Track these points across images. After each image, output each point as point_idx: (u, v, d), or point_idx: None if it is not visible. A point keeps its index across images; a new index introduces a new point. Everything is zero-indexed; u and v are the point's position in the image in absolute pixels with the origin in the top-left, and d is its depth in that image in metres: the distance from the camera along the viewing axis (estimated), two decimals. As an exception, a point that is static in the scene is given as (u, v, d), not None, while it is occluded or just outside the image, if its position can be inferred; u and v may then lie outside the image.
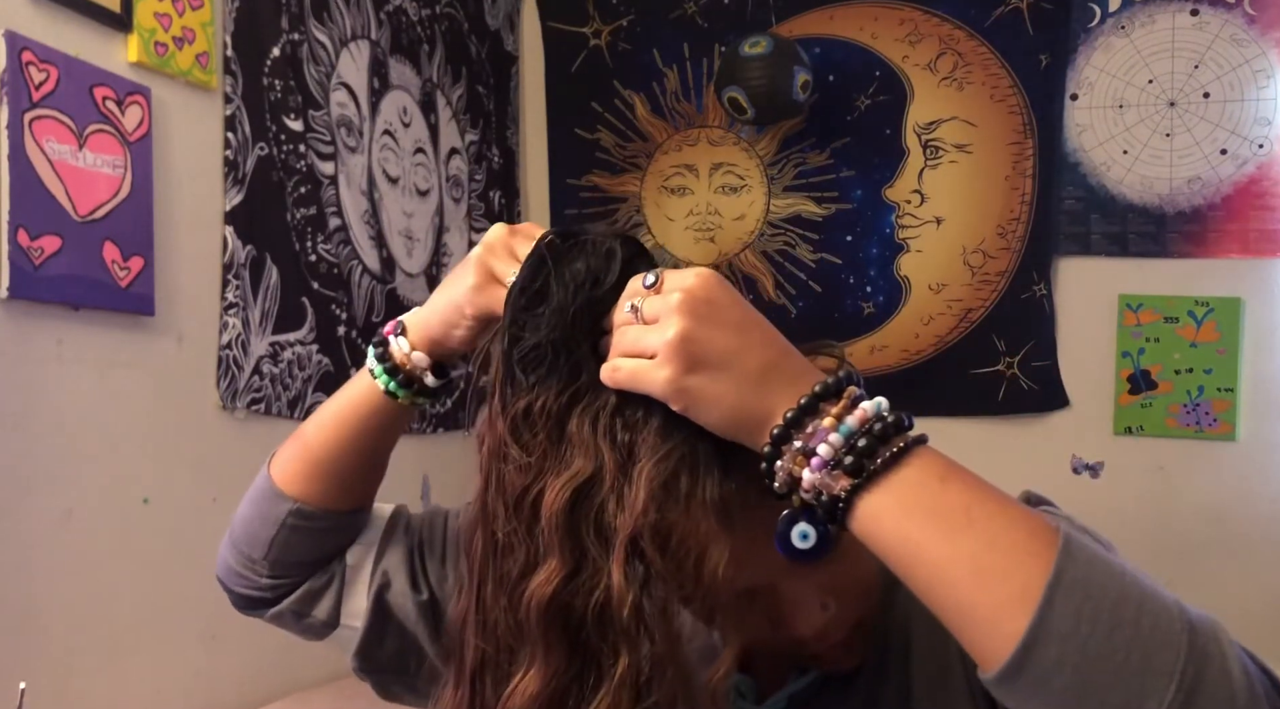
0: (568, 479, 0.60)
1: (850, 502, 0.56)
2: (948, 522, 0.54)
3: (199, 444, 1.77)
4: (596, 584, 0.59)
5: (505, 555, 0.62)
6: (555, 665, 0.60)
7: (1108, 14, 2.53)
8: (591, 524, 0.59)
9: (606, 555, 0.59)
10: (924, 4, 2.63)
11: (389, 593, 0.83)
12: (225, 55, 1.84)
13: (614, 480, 0.59)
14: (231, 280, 1.83)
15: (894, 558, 0.55)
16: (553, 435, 0.61)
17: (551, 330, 0.62)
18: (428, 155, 2.49)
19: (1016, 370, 2.55)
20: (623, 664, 0.59)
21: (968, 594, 0.53)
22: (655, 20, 2.82)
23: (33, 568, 1.47)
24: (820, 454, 0.56)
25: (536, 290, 0.63)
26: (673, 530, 0.58)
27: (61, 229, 1.49)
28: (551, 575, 0.59)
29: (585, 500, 0.59)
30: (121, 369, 1.62)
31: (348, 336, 2.15)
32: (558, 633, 0.60)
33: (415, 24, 2.44)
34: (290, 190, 1.99)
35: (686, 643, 0.61)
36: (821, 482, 0.56)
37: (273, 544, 0.83)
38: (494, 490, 0.63)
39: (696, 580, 0.58)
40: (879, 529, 0.55)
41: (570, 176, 2.91)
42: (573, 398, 0.61)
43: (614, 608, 0.58)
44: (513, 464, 0.62)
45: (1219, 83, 2.46)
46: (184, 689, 1.73)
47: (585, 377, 0.62)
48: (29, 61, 1.45)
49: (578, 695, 0.60)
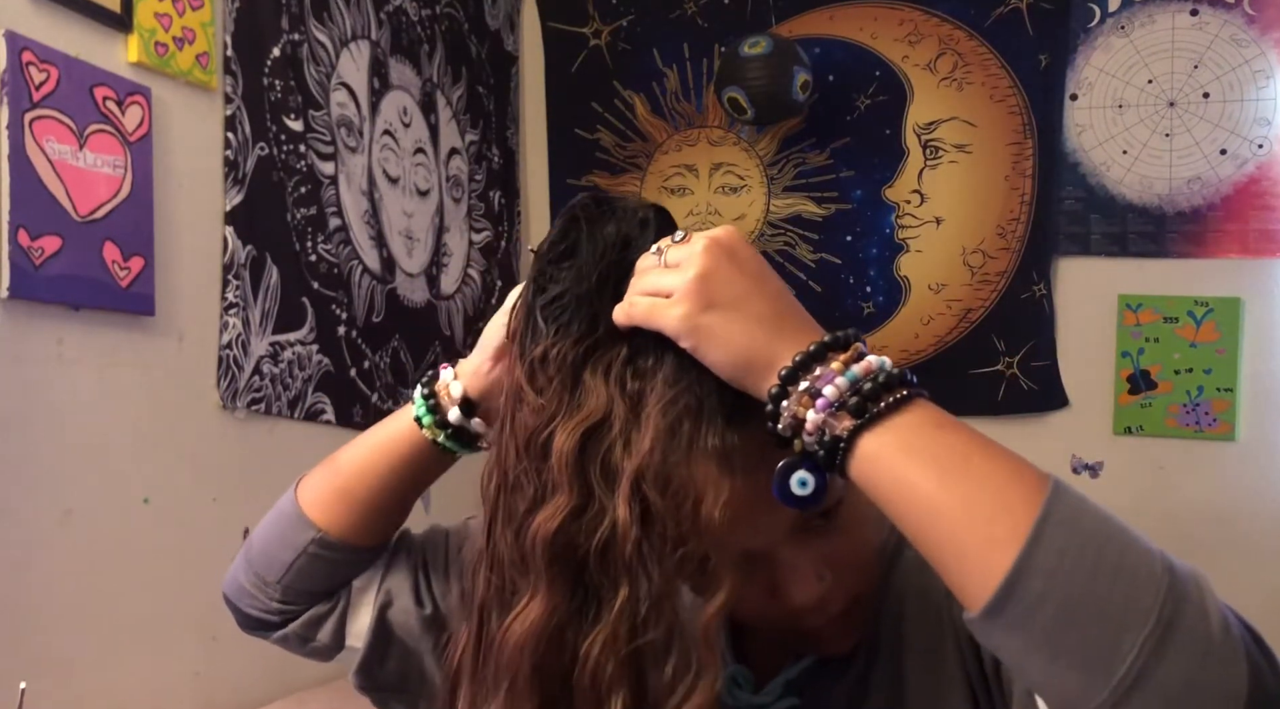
0: (578, 422, 0.62)
1: (851, 442, 0.58)
2: (943, 464, 0.56)
3: (199, 444, 1.77)
4: (600, 521, 0.61)
5: (514, 492, 0.65)
6: (556, 597, 0.62)
7: (1107, 14, 2.53)
8: (598, 464, 0.62)
9: (611, 494, 0.61)
10: (924, 4, 2.63)
11: (391, 611, 0.84)
12: (225, 55, 1.84)
13: (622, 424, 0.62)
14: (231, 280, 1.84)
15: (889, 498, 0.57)
16: (566, 382, 0.63)
17: (576, 284, 0.65)
18: (428, 155, 2.49)
19: (1016, 370, 2.55)
20: (621, 598, 0.61)
21: (958, 533, 0.54)
22: (655, 20, 2.82)
23: (33, 568, 1.47)
24: (826, 395, 0.59)
25: (566, 248, 0.67)
26: (673, 473, 0.60)
27: (62, 229, 1.49)
28: (557, 511, 0.62)
29: (593, 442, 0.62)
30: (121, 369, 1.62)
31: (348, 337, 2.15)
32: (560, 567, 0.62)
33: (415, 24, 2.44)
34: (290, 190, 1.99)
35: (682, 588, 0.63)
36: (825, 421, 0.59)
37: (289, 569, 0.83)
38: (508, 431, 0.66)
39: (693, 523, 0.60)
40: (877, 469, 0.58)
41: (570, 176, 2.91)
42: (589, 348, 0.64)
43: (616, 544, 0.61)
44: (527, 407, 0.64)
45: (1219, 83, 2.46)
46: (184, 689, 1.73)
47: (602, 329, 0.64)
48: (29, 61, 1.45)
49: (576, 627, 0.62)
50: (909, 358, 2.59)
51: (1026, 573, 0.51)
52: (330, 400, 2.09)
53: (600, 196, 0.69)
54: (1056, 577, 0.51)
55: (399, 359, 2.34)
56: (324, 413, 2.07)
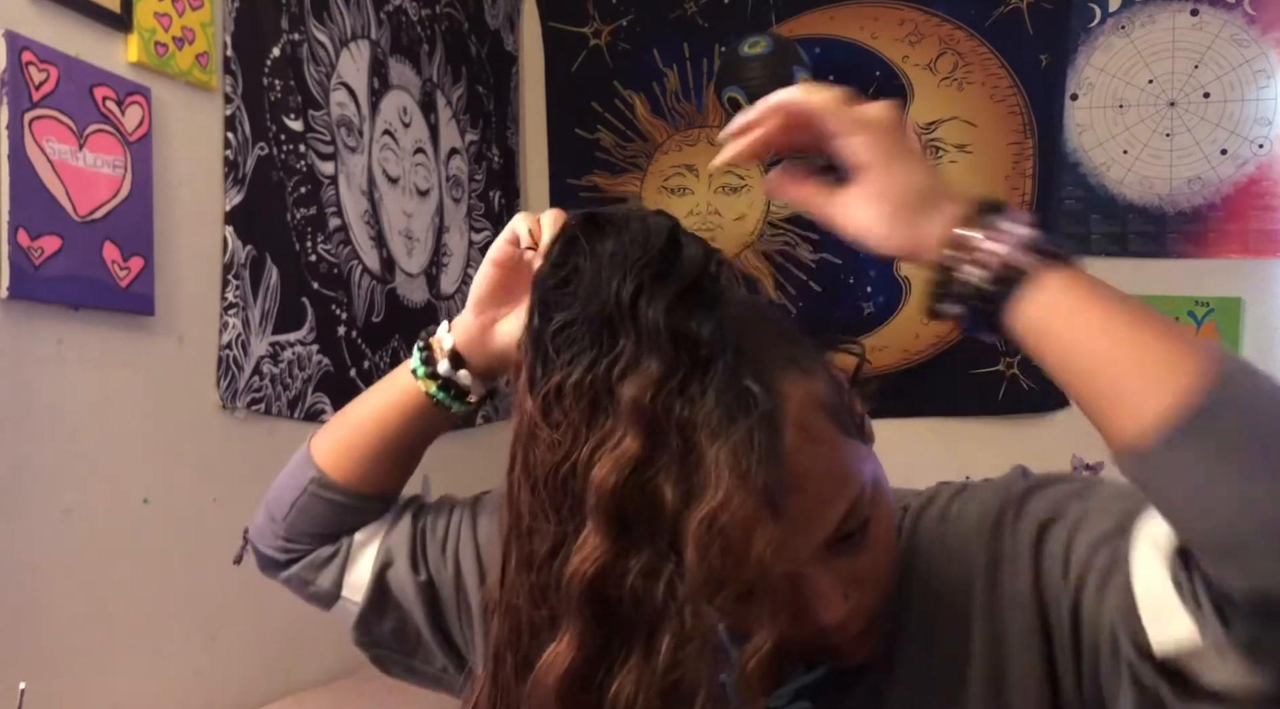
0: (616, 456, 0.58)
1: (1036, 277, 0.60)
2: (1130, 305, 0.59)
3: (199, 444, 1.77)
4: (641, 562, 0.58)
5: (532, 535, 0.62)
6: (589, 639, 0.60)
7: (1108, 14, 2.53)
8: (640, 502, 0.58)
9: (653, 534, 0.58)
10: (924, 4, 2.63)
11: (390, 571, 0.85)
12: (225, 55, 1.84)
13: (669, 458, 0.58)
14: (231, 280, 1.83)
15: (1061, 337, 0.59)
16: (588, 412, 0.59)
17: (586, 305, 0.61)
18: (428, 155, 2.49)
19: (1017, 370, 2.55)
20: (658, 639, 0.59)
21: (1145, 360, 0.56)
22: (655, 20, 2.82)
23: (32, 568, 1.47)
24: (1020, 233, 0.61)
25: (567, 272, 0.62)
26: (721, 512, 0.58)
27: (61, 229, 1.49)
28: (595, 552, 0.59)
29: (633, 477, 0.58)
30: (121, 369, 1.62)
31: (348, 337, 2.15)
32: (595, 609, 0.60)
33: (415, 24, 2.44)
34: (290, 190, 1.99)
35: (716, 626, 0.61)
36: (1012, 254, 0.60)
37: (293, 507, 0.86)
38: (518, 471, 0.63)
39: (742, 563, 0.58)
40: (1057, 304, 0.59)
41: (570, 176, 2.91)
42: (617, 371, 0.59)
43: (658, 584, 0.58)
44: (542, 444, 0.61)
45: (1219, 83, 2.46)
46: (184, 689, 1.73)
47: (626, 347, 0.60)
48: (29, 61, 1.45)
49: (608, 669, 0.60)
50: (909, 358, 2.59)
51: (1226, 385, 0.54)
52: (330, 400, 2.09)
53: (595, 214, 0.65)
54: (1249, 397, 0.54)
55: (399, 359, 2.33)
56: (324, 413, 2.07)
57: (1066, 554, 0.67)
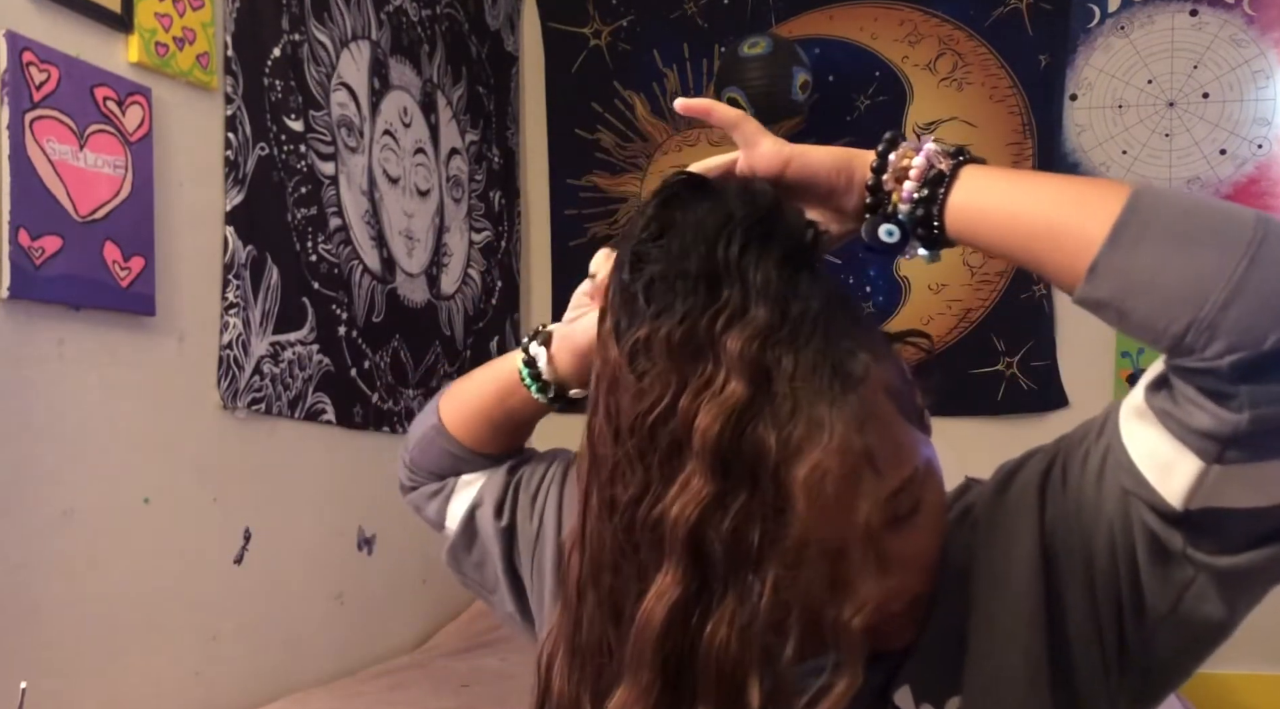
0: (721, 402, 0.59)
1: (955, 173, 0.67)
2: (1035, 178, 0.68)
3: (199, 444, 1.77)
4: (736, 506, 0.60)
5: (614, 481, 0.63)
6: (688, 579, 0.61)
7: (1107, 14, 2.53)
8: (743, 448, 0.59)
9: (751, 480, 0.59)
10: (924, 4, 2.63)
11: (479, 512, 0.91)
12: (226, 55, 1.84)
13: (771, 408, 0.60)
14: (232, 280, 1.84)
15: (993, 213, 0.66)
16: (685, 360, 0.61)
17: (682, 259, 0.62)
18: (428, 155, 2.49)
19: (1016, 370, 2.55)
20: (750, 585, 0.60)
21: (1065, 210, 0.62)
22: (655, 20, 2.83)
23: (33, 567, 1.47)
24: (927, 147, 0.69)
25: (661, 226, 0.64)
26: (832, 463, 0.59)
27: (62, 229, 1.49)
28: (698, 496, 0.60)
29: (737, 423, 0.59)
30: (122, 369, 1.62)
31: (348, 336, 2.15)
32: (694, 551, 0.60)
33: (415, 24, 2.45)
34: (291, 190, 1.99)
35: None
36: (930, 160, 0.68)
37: (417, 444, 0.94)
38: (601, 418, 0.64)
39: (848, 513, 0.60)
40: (981, 188, 0.67)
41: (570, 176, 2.91)
42: (716, 320, 0.61)
43: (748, 530, 0.60)
44: (627, 392, 0.62)
45: (1218, 83, 2.46)
46: (184, 689, 1.73)
47: (733, 296, 0.61)
48: (29, 62, 1.45)
49: (702, 610, 0.61)
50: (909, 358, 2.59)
51: (1142, 196, 0.60)
52: (331, 400, 2.09)
53: (692, 175, 0.68)
54: (1168, 196, 0.60)
55: (399, 359, 2.34)
56: (324, 413, 2.07)
57: (1063, 475, 0.69)
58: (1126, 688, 0.68)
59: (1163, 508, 0.61)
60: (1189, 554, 0.62)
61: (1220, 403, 0.56)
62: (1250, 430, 0.56)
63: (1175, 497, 0.60)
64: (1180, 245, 0.58)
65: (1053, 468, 0.70)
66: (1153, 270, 0.58)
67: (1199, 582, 0.63)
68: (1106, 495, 0.65)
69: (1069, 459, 0.69)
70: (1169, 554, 0.63)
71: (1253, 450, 0.57)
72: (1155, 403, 0.61)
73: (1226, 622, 0.64)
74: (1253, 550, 0.61)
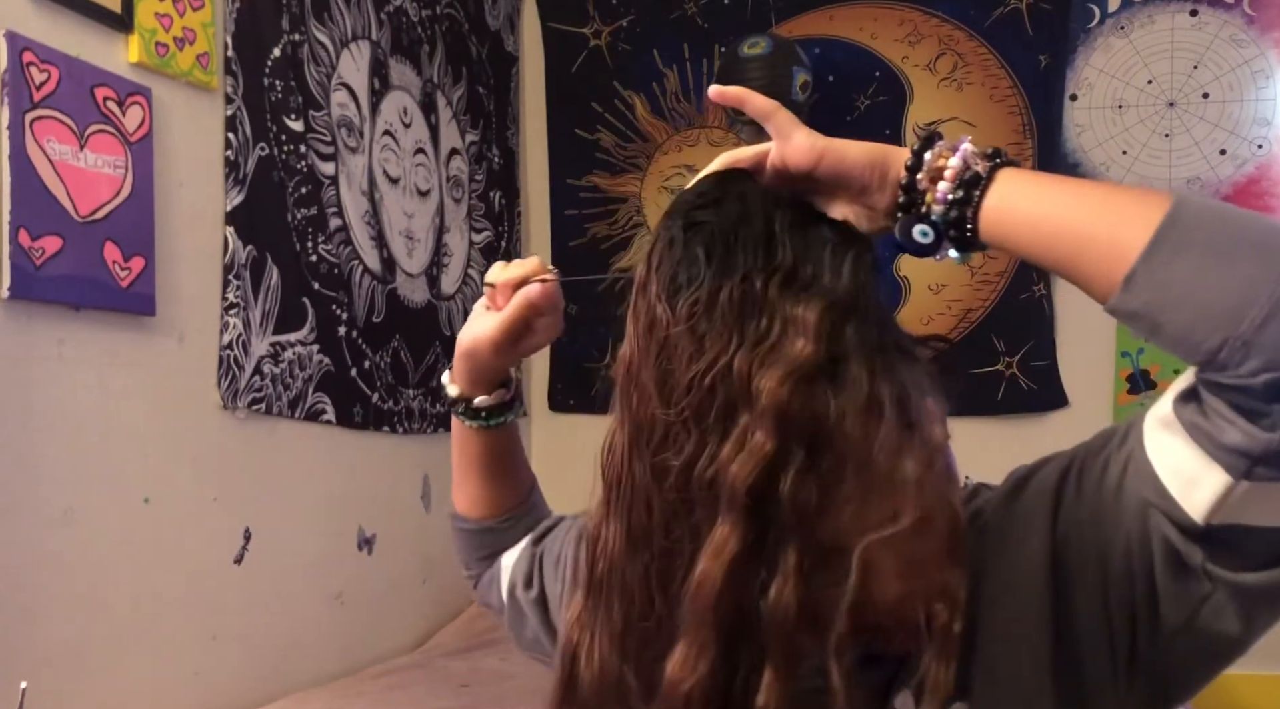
0: (790, 360, 0.62)
1: (992, 175, 0.66)
2: (1073, 184, 0.66)
3: (199, 444, 1.77)
4: (797, 466, 0.61)
5: (667, 444, 0.64)
6: (746, 535, 0.62)
7: (1107, 14, 2.53)
8: (805, 410, 0.61)
9: (809, 438, 0.61)
10: (924, 4, 2.63)
11: (516, 590, 0.94)
12: (226, 56, 1.84)
13: (834, 372, 0.62)
14: (232, 280, 1.84)
15: (1028, 216, 0.65)
16: (743, 318, 0.63)
17: (741, 222, 0.66)
18: (428, 155, 2.49)
19: (1016, 370, 2.55)
20: (809, 545, 0.62)
21: (1105, 217, 0.61)
22: (655, 20, 2.83)
23: (33, 567, 1.47)
24: (963, 148, 0.68)
25: (716, 195, 0.69)
26: (893, 434, 0.63)
27: (62, 229, 1.49)
28: (760, 452, 0.61)
29: (803, 384, 0.62)
30: (122, 369, 1.62)
31: (348, 337, 2.15)
32: (750, 510, 0.61)
33: (416, 24, 2.45)
34: (291, 190, 1.99)
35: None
36: (967, 161, 0.67)
37: (455, 541, 0.99)
38: (652, 381, 0.65)
39: (897, 490, 0.62)
40: (1017, 191, 0.66)
41: (570, 176, 2.91)
42: (770, 279, 0.64)
43: (805, 487, 0.61)
44: (685, 352, 0.64)
45: (1218, 83, 2.46)
46: (184, 689, 1.73)
47: (788, 259, 0.65)
48: (30, 62, 1.45)
49: (759, 569, 0.62)
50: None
51: (1184, 207, 0.58)
52: (331, 400, 2.09)
53: (735, 166, 0.74)
54: (1209, 207, 0.59)
55: (399, 359, 2.34)
56: (324, 413, 2.07)
57: (1079, 482, 0.68)
58: (1136, 698, 0.68)
59: (1184, 521, 0.61)
60: (1208, 569, 0.61)
61: (1252, 420, 0.56)
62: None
63: (1198, 511, 0.60)
64: (1219, 260, 0.56)
65: (1068, 475, 0.69)
66: (1190, 284, 0.57)
67: (1216, 597, 0.62)
68: (1126, 506, 0.64)
69: (1086, 467, 0.68)
70: (1187, 568, 0.62)
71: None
72: (1184, 415, 0.60)
73: (1242, 638, 0.64)
74: (1273, 569, 0.61)
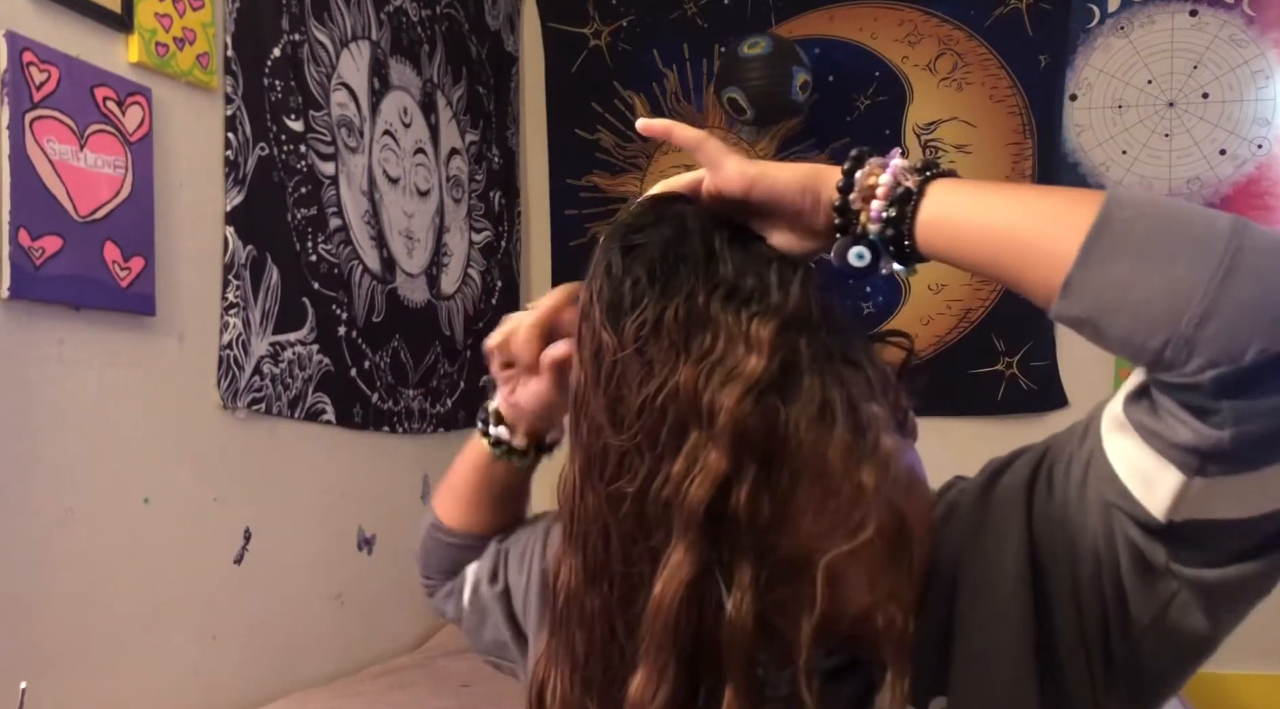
0: (744, 376, 0.61)
1: (923, 189, 0.65)
2: (1007, 190, 0.66)
3: (199, 444, 1.77)
4: (748, 480, 0.61)
5: (621, 472, 0.64)
6: (700, 555, 0.61)
7: (1107, 14, 2.53)
8: (760, 423, 0.61)
9: (764, 455, 0.61)
10: (923, 4, 2.63)
11: (480, 588, 0.93)
12: (226, 56, 1.84)
13: (784, 384, 0.62)
14: (232, 280, 1.84)
15: (960, 230, 0.65)
16: (690, 336, 0.63)
17: (679, 244, 0.66)
18: (428, 155, 2.49)
19: (1016, 370, 2.55)
20: (764, 559, 0.61)
21: (1038, 223, 0.60)
22: (655, 21, 2.83)
23: (33, 567, 1.48)
24: (894, 165, 0.67)
25: (650, 220, 0.69)
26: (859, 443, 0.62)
27: (62, 229, 1.49)
28: (715, 472, 0.61)
29: (757, 399, 0.61)
30: (122, 369, 1.62)
31: (348, 337, 2.15)
32: (704, 529, 0.61)
33: (415, 24, 2.45)
34: (291, 190, 1.99)
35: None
36: (897, 177, 0.66)
37: (423, 549, 0.97)
38: (602, 410, 0.65)
39: (855, 499, 0.61)
40: (949, 205, 0.65)
41: (570, 176, 2.91)
42: (712, 295, 0.64)
43: (759, 504, 0.61)
44: (635, 376, 0.63)
45: (1218, 83, 2.46)
46: (184, 689, 1.74)
47: (727, 271, 0.65)
48: (30, 62, 1.45)
49: (713, 590, 0.62)
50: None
51: (1114, 207, 0.57)
52: (331, 400, 2.09)
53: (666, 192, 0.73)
54: (1142, 206, 0.57)
55: (399, 359, 2.34)
56: (324, 413, 2.08)
57: (1049, 479, 0.68)
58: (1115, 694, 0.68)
59: (1145, 520, 0.61)
60: (1171, 567, 0.61)
61: (1201, 418, 0.55)
62: (1232, 446, 0.55)
63: (1158, 509, 0.60)
64: (1154, 259, 0.55)
65: (1039, 470, 0.69)
66: (1126, 286, 0.56)
67: (1182, 595, 0.62)
68: (1089, 505, 0.64)
69: (1055, 463, 0.68)
70: (1152, 568, 0.62)
71: (1234, 463, 0.56)
72: (1135, 415, 0.60)
73: (1211, 635, 0.63)
74: (1236, 564, 0.60)
